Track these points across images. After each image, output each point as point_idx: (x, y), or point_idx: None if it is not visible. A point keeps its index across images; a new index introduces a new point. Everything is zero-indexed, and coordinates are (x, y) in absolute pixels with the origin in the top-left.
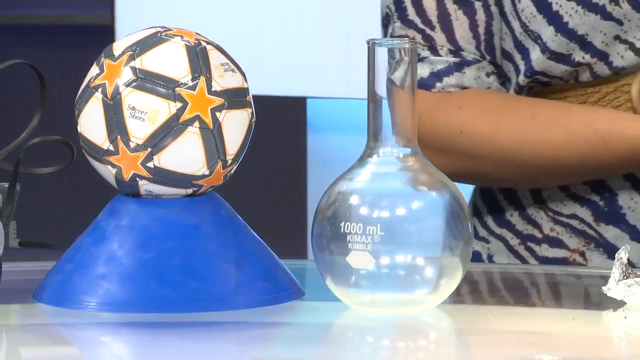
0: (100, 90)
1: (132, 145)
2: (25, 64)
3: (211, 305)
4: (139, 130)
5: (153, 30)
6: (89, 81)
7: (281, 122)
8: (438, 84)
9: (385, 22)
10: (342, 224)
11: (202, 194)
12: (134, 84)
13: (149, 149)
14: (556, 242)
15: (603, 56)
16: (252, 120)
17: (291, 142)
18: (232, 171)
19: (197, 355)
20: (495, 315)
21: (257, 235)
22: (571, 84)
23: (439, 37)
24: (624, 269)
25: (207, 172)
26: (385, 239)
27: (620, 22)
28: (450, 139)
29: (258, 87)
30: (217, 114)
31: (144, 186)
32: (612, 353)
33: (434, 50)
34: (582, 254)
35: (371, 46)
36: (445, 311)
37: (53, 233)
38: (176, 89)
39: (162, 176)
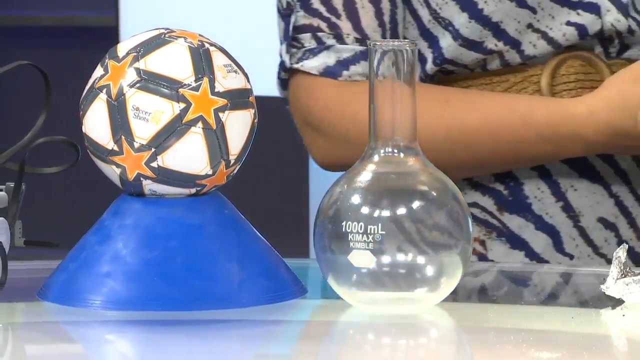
0: (104, 91)
1: (136, 145)
2: (31, 65)
3: (214, 304)
4: (143, 131)
5: (157, 32)
6: (94, 82)
7: (283, 123)
8: (345, 72)
9: (287, 11)
10: (344, 223)
11: (205, 194)
12: (138, 84)
13: (153, 149)
14: None
15: (515, 44)
16: (255, 120)
17: (293, 143)
18: (235, 171)
19: (201, 352)
20: (494, 313)
21: (259, 235)
22: (477, 72)
23: (345, 25)
24: (622, 268)
25: (210, 172)
26: (386, 238)
27: (534, 11)
28: (360, 130)
29: (261, 88)
30: (220, 114)
31: (148, 186)
32: (611, 351)
33: (340, 38)
34: (483, 243)
35: (372, 47)
36: (446, 309)
37: (58, 232)
38: (180, 89)
39: (165, 176)
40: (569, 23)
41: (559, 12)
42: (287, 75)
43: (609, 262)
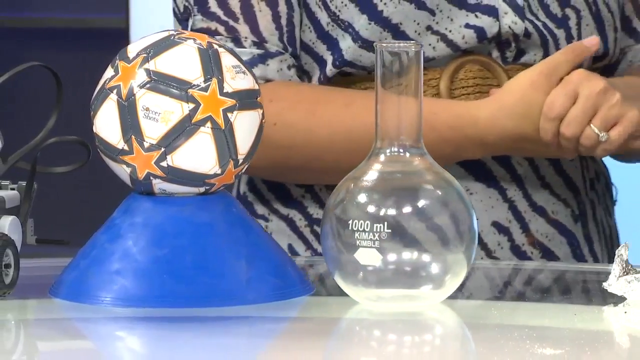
0: (115, 91)
1: (146, 145)
2: (43, 66)
3: (223, 301)
4: (152, 131)
5: (166, 34)
6: (104, 83)
7: None
8: None
9: (185, 15)
10: (350, 222)
11: (214, 192)
12: (147, 85)
13: (163, 149)
14: None
15: None
16: (263, 120)
17: None
18: (244, 170)
19: (210, 348)
20: (498, 310)
21: (267, 233)
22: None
23: (243, 28)
24: (624, 266)
25: (219, 171)
26: (392, 236)
27: (432, 12)
28: (264, 132)
29: None
30: (229, 114)
31: (158, 185)
32: (613, 347)
33: (237, 42)
34: None
35: (378, 49)
36: (450, 306)
37: (69, 230)
38: (189, 90)
39: (175, 175)
40: (467, 25)
41: (458, 14)
42: None
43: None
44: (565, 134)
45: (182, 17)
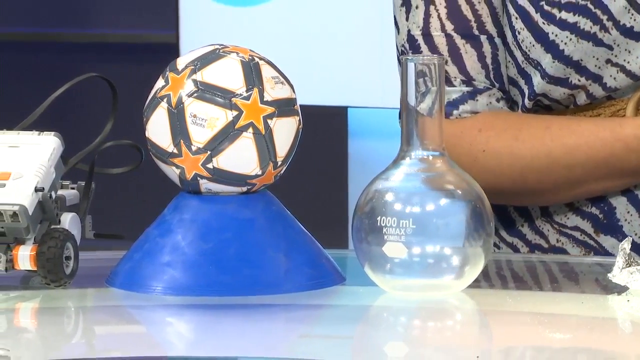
0: (165, 100)
1: (193, 148)
2: (100, 77)
3: (263, 290)
4: (199, 136)
5: (212, 48)
6: (156, 92)
7: (325, 129)
8: (455, 112)
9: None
10: (379, 218)
11: (255, 192)
12: (195, 94)
13: (209, 152)
14: (560, 252)
15: (597, 78)
16: (300, 126)
17: (334, 146)
18: (282, 171)
19: (251, 333)
20: (513, 298)
21: (304, 228)
22: (571, 109)
23: (452, 69)
24: (627, 258)
25: (260, 172)
26: (417, 231)
27: (610, 48)
28: (473, 158)
29: (305, 97)
30: (269, 121)
31: (204, 185)
32: (617, 332)
33: (448, 81)
34: None
35: (404, 62)
36: (469, 295)
37: (124, 226)
38: (232, 99)
39: (220, 176)
40: None
41: (635, 46)
42: None
43: None
44: None
45: (400, 60)
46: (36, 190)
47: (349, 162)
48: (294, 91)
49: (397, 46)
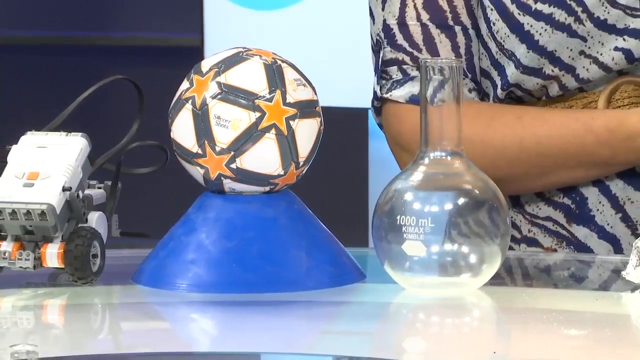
0: (190, 101)
1: (217, 149)
2: (126, 79)
3: (285, 287)
4: (223, 136)
5: (235, 51)
6: (180, 94)
7: (346, 130)
8: None
9: (377, 47)
10: (398, 217)
11: (277, 191)
12: (219, 96)
13: (232, 153)
14: (533, 242)
15: (570, 69)
16: (321, 128)
17: (355, 148)
18: (304, 172)
19: (273, 329)
20: (529, 295)
21: (325, 227)
22: (543, 100)
23: (426, 57)
24: None
25: (282, 172)
26: (435, 230)
27: (584, 39)
28: None
29: (326, 99)
30: (291, 122)
31: (228, 184)
32: (630, 329)
33: None
34: (554, 251)
35: (423, 65)
36: (486, 292)
37: (149, 224)
38: (255, 100)
39: (243, 176)
40: (616, 48)
41: (607, 39)
42: (379, 103)
43: None
44: None
45: (375, 49)
46: (64, 189)
47: (369, 162)
48: (315, 93)
49: (371, 36)
